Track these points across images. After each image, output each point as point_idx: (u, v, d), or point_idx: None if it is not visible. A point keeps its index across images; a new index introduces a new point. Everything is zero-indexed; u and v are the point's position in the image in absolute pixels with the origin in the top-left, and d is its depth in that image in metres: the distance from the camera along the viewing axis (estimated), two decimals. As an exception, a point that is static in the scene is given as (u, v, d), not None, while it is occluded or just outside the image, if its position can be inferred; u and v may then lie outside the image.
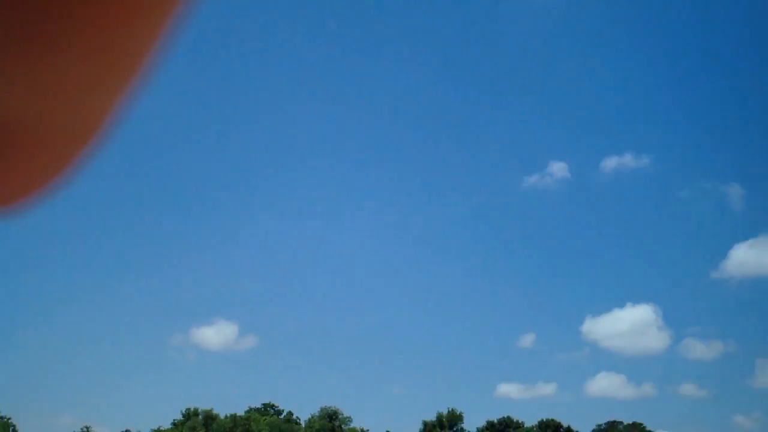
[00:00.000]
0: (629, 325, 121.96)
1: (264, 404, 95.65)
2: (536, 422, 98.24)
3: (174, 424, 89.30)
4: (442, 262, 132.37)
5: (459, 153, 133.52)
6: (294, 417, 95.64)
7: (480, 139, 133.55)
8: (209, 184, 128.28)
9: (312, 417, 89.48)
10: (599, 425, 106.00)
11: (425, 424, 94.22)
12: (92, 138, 0.33)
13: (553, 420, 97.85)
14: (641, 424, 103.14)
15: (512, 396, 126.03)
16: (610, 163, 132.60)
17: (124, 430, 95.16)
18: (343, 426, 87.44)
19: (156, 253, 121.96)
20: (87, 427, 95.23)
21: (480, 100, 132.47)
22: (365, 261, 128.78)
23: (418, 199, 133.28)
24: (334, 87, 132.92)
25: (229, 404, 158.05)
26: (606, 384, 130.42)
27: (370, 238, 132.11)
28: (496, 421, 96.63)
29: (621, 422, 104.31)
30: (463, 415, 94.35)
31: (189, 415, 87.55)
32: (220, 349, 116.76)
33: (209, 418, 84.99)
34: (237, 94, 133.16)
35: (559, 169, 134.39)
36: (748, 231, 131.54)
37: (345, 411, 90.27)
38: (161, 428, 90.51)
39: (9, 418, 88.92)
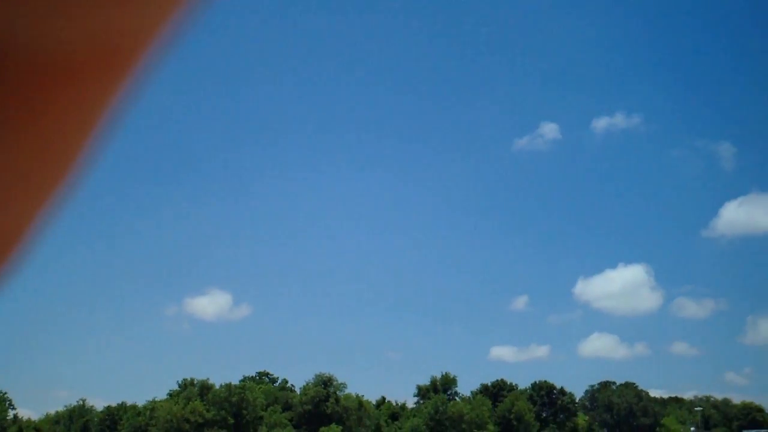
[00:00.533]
0: (621, 285, 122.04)
1: (258, 372, 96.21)
2: (529, 384, 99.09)
3: (170, 394, 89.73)
4: (433, 227, 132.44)
5: (450, 115, 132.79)
6: (289, 384, 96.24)
7: (471, 101, 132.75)
8: (204, 155, 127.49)
9: (307, 384, 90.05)
10: (591, 386, 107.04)
11: (419, 388, 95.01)
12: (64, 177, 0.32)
13: (546, 382, 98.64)
14: (634, 384, 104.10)
15: (506, 359, 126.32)
16: (601, 123, 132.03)
17: (120, 402, 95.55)
18: (338, 392, 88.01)
19: (149, 223, 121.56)
20: (83, 400, 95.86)
21: (472, 62, 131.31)
22: (358, 229, 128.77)
23: (410, 162, 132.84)
24: (328, 47, 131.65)
25: (224, 374, 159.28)
26: (599, 345, 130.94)
27: (362, 205, 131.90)
28: (489, 384, 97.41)
29: (614, 382, 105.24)
30: (457, 378, 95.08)
31: (185, 385, 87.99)
32: (214, 319, 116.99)
33: (205, 387, 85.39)
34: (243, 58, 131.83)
35: (550, 130, 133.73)
36: (738, 189, 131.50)
37: (339, 378, 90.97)
38: (156, 399, 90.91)
39: (5, 393, 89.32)
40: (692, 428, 57.73)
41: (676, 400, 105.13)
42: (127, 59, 0.30)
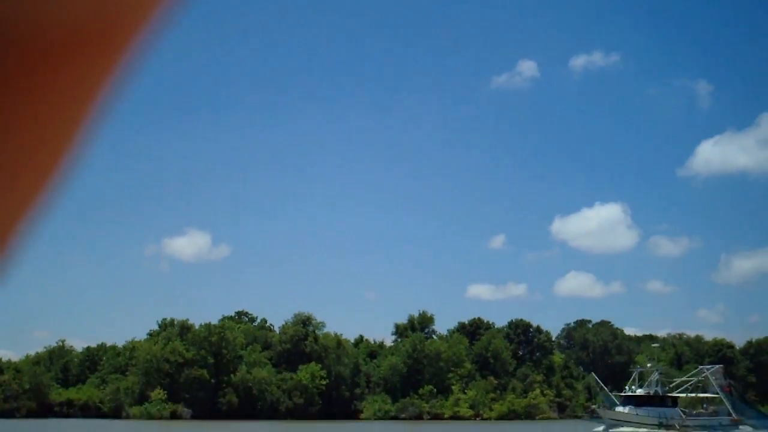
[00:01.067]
0: (598, 223, 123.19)
1: (237, 312, 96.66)
2: (506, 323, 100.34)
3: (149, 335, 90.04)
4: (411, 166, 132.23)
5: (428, 54, 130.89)
6: (268, 324, 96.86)
7: (449, 39, 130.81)
8: (190, 95, 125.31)
9: (286, 323, 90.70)
10: (567, 324, 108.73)
11: (397, 326, 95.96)
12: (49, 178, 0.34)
13: (522, 320, 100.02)
14: (609, 323, 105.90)
15: (483, 297, 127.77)
16: (580, 61, 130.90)
17: (99, 342, 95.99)
18: (316, 331, 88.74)
19: (128, 164, 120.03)
20: (62, 341, 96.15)
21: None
22: (335, 169, 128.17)
23: (387, 103, 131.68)
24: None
25: (203, 313, 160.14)
26: (575, 283, 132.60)
27: (342, 145, 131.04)
28: (466, 322, 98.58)
29: (589, 321, 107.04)
30: (434, 316, 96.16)
31: (165, 325, 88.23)
32: (193, 259, 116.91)
33: (184, 327, 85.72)
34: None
35: (528, 68, 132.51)
36: (714, 128, 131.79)
37: (318, 317, 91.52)
38: (135, 339, 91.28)
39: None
40: (648, 364, 58.75)
41: (650, 338, 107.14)
42: (124, 37, 0.30)
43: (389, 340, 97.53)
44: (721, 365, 58.50)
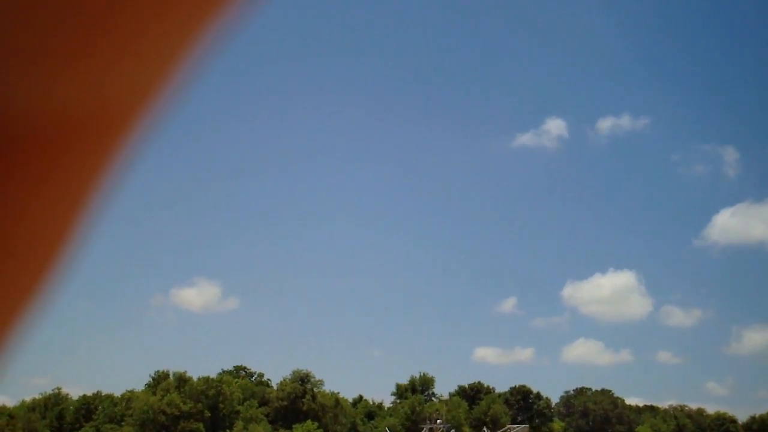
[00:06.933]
0: (610, 291, 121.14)
1: (235, 367, 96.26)
2: (508, 388, 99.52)
3: (148, 385, 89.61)
4: (426, 223, 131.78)
5: (455, 106, 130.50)
6: (265, 379, 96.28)
7: (477, 93, 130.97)
8: (199, 141, 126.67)
9: (284, 380, 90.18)
10: (567, 392, 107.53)
11: (398, 387, 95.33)
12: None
13: (524, 386, 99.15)
14: (609, 391, 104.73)
15: (489, 360, 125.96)
16: (606, 123, 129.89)
17: (96, 391, 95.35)
18: (315, 389, 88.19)
19: (139, 211, 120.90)
20: (58, 389, 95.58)
21: (481, 53, 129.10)
22: (351, 225, 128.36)
23: (407, 156, 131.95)
24: (336, 38, 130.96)
25: (203, 366, 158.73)
26: (583, 350, 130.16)
27: (356, 199, 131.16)
28: (467, 385, 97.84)
29: (589, 389, 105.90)
30: (435, 378, 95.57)
31: (159, 377, 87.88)
32: (202, 311, 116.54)
33: (181, 380, 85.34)
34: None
35: (555, 126, 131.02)
36: (734, 197, 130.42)
37: (322, 375, 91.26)
38: (134, 390, 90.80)
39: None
40: None
41: (651, 409, 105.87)
42: (130, 117, 0.30)
43: (389, 401, 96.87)
44: (526, 425, 56.73)
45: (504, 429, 55.88)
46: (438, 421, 56.69)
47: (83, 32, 0.27)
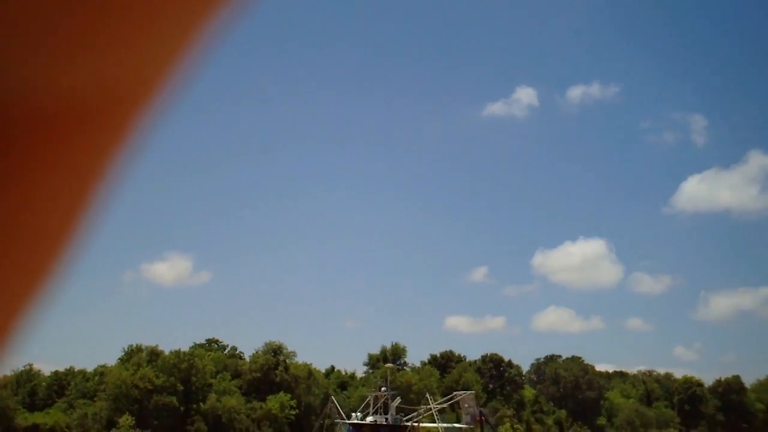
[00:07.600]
0: (581, 259, 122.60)
1: (207, 340, 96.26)
2: (479, 356, 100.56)
3: (120, 360, 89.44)
4: (395, 196, 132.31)
5: (425, 76, 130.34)
6: (238, 352, 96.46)
7: (447, 63, 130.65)
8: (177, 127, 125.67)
9: (256, 352, 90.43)
10: (537, 359, 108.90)
11: (370, 357, 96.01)
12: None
13: (495, 354, 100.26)
14: (580, 358, 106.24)
15: (461, 329, 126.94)
16: (576, 91, 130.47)
17: (68, 366, 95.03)
18: (287, 360, 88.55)
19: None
20: (30, 365, 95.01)
21: (451, 23, 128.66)
22: (322, 197, 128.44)
23: (373, 128, 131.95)
24: (319, 22, 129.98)
25: (176, 340, 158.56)
26: (554, 318, 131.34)
27: (328, 172, 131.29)
28: (438, 354, 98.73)
29: (560, 356, 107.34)
30: (407, 348, 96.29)
31: (132, 352, 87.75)
32: (173, 284, 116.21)
33: (154, 354, 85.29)
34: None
35: (526, 95, 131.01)
36: (702, 164, 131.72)
37: (294, 346, 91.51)
38: (107, 365, 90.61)
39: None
40: (383, 388, 59.01)
41: (621, 374, 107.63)
42: (133, 107, 0.30)
43: (361, 371, 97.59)
44: (473, 392, 57.84)
45: (449, 396, 56.56)
46: (383, 388, 57.40)
47: (85, 23, 0.27)
